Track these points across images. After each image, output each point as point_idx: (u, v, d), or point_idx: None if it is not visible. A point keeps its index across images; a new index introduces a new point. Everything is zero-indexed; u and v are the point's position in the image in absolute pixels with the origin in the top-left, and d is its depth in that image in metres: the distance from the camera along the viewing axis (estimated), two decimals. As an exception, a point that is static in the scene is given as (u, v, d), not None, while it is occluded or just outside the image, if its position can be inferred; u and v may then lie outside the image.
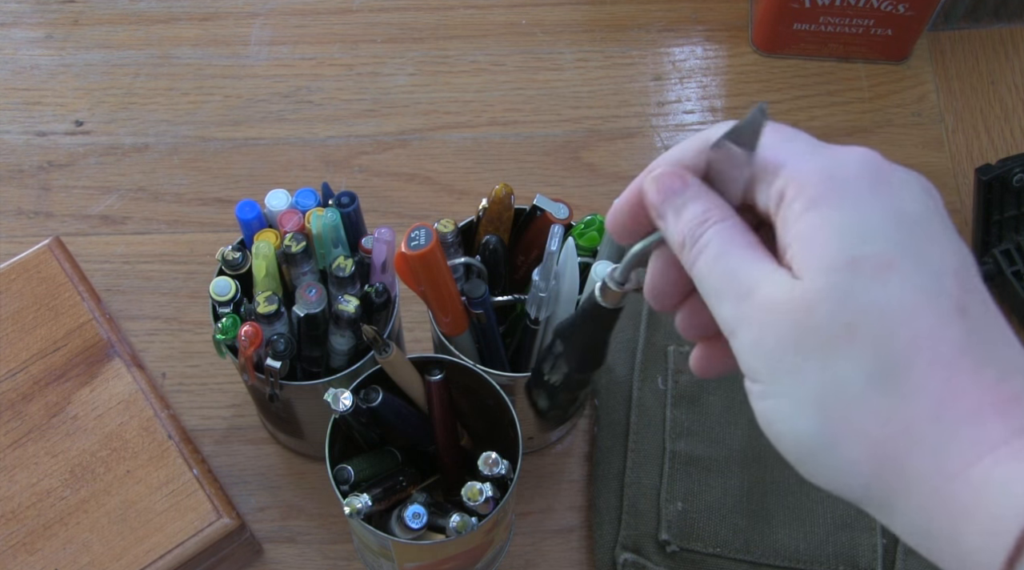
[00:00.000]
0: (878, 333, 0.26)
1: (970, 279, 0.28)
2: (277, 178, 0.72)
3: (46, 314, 0.60)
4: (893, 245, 0.27)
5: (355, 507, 0.47)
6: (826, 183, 0.28)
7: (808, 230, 0.28)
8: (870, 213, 0.27)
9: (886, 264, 0.27)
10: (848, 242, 0.27)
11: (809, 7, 0.74)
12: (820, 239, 0.27)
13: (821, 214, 0.28)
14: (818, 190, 0.28)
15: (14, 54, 0.78)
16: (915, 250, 0.27)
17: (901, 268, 0.27)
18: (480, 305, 0.52)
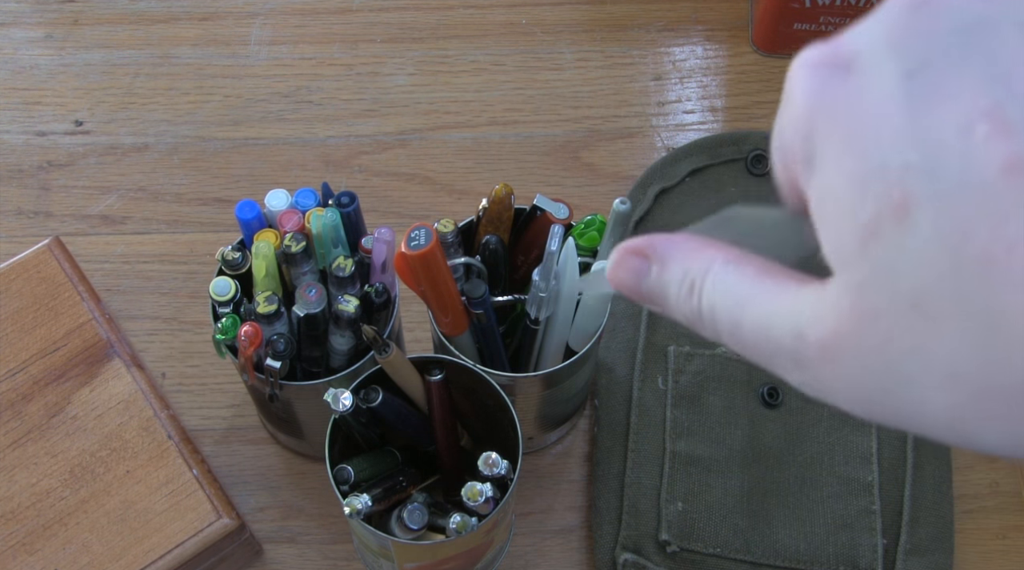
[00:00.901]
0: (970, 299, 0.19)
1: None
2: (277, 178, 0.72)
3: (46, 314, 0.60)
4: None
5: (355, 507, 0.47)
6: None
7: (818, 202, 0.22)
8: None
9: (905, 172, 0.20)
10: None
11: (809, 7, 0.74)
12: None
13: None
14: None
15: (14, 54, 0.78)
16: (916, 128, 0.21)
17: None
18: (480, 305, 0.52)
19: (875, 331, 0.20)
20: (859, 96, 0.21)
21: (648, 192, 0.70)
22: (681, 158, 0.71)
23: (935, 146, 0.19)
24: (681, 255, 0.26)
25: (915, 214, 0.19)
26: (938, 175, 0.19)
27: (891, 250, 0.20)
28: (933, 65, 0.20)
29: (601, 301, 0.52)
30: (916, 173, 0.19)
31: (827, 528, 0.59)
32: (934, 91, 0.20)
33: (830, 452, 0.61)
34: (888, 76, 0.20)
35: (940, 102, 0.19)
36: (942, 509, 0.61)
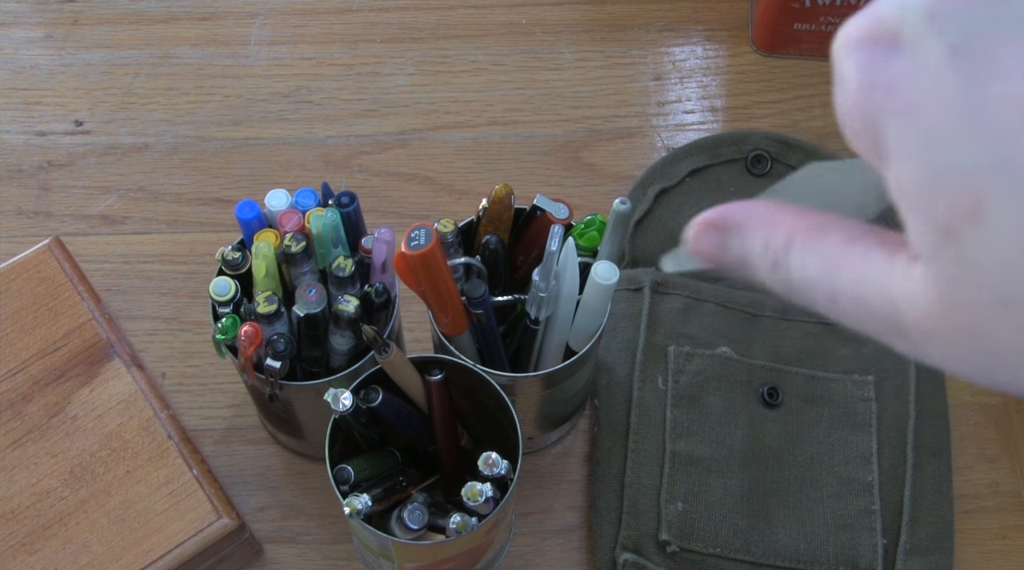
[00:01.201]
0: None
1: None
2: (277, 178, 0.72)
3: (46, 314, 0.60)
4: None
5: (355, 507, 0.47)
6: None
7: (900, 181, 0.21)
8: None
9: (966, 174, 0.19)
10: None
11: (809, 7, 0.74)
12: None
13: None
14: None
15: (14, 54, 0.78)
16: (972, 113, 0.20)
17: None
18: (480, 305, 0.52)
19: (969, 322, 0.20)
20: (911, 78, 0.20)
21: (648, 192, 0.70)
22: (681, 158, 0.71)
23: (1002, 138, 0.18)
24: (758, 226, 0.25)
25: (991, 215, 0.18)
26: (1010, 173, 0.18)
27: (971, 250, 0.19)
28: (980, 35, 0.19)
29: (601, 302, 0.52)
30: (986, 172, 0.18)
31: (827, 528, 0.59)
32: (985, 68, 0.18)
33: (830, 452, 0.61)
34: (935, 53, 0.19)
35: (994, 82, 0.18)
36: (942, 509, 0.61)
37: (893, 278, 0.22)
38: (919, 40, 0.19)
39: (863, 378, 0.64)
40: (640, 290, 0.65)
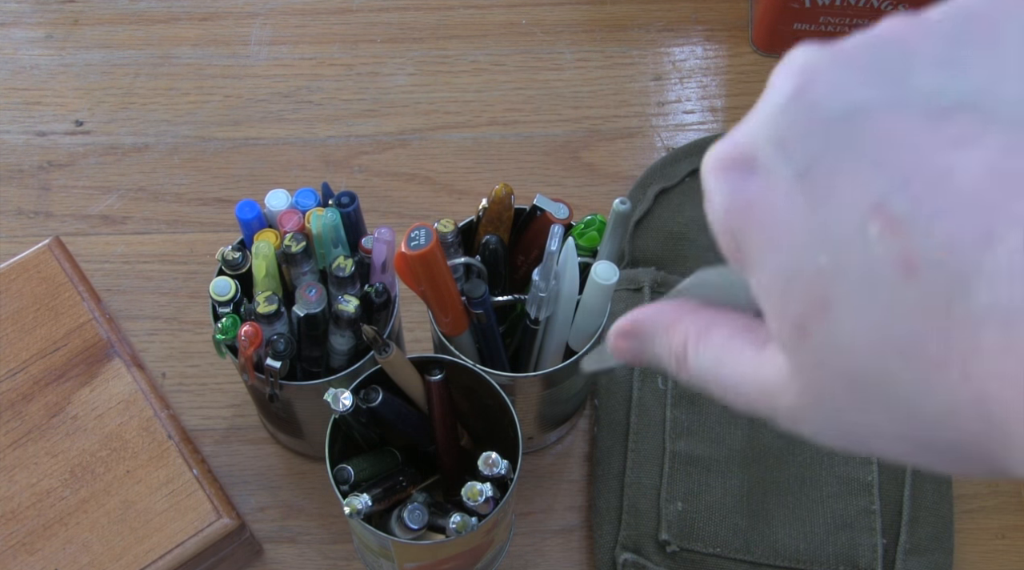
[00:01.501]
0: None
1: (923, 202, 0.21)
2: (277, 178, 0.72)
3: (46, 314, 0.60)
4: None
5: (355, 507, 0.47)
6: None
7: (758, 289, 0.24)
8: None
9: (819, 276, 0.22)
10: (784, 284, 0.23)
11: (809, 7, 0.74)
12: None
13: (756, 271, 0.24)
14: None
15: (14, 54, 0.78)
16: (822, 228, 0.22)
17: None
18: (480, 305, 0.52)
19: (826, 405, 0.23)
20: (765, 199, 0.22)
21: (648, 192, 0.70)
22: (681, 158, 0.71)
23: (840, 247, 0.21)
24: (662, 331, 0.28)
25: (835, 311, 0.21)
26: (848, 275, 0.20)
27: (822, 342, 0.21)
28: (820, 161, 0.21)
29: (601, 302, 0.52)
30: (829, 275, 0.21)
31: (827, 528, 0.59)
32: (825, 187, 0.21)
33: (830, 452, 0.61)
34: (784, 178, 0.22)
35: (834, 199, 0.21)
36: (942, 509, 0.61)
37: (764, 369, 0.24)
38: (771, 165, 0.22)
39: (863, 378, 0.64)
40: (640, 290, 0.65)
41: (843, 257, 0.21)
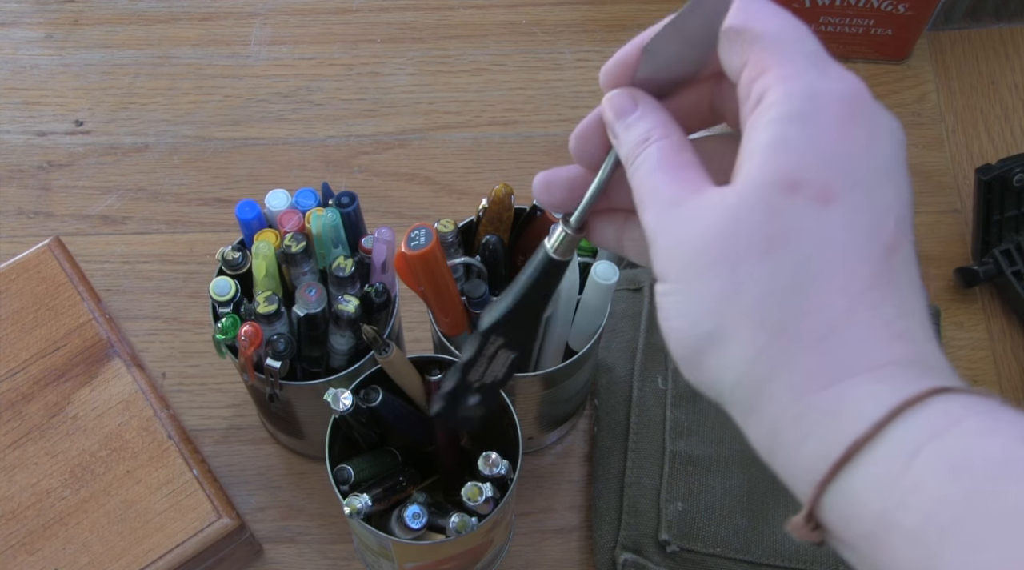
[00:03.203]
0: (796, 253, 0.27)
1: (907, 223, 0.29)
2: (277, 178, 0.72)
3: (46, 314, 0.60)
4: (842, 179, 0.28)
5: (355, 507, 0.47)
6: (806, 101, 0.28)
7: (765, 142, 0.28)
8: (833, 143, 0.28)
9: (826, 195, 0.27)
10: (798, 164, 0.28)
11: (809, 7, 0.74)
12: (772, 154, 0.28)
13: (786, 130, 0.28)
14: (795, 105, 0.28)
15: (14, 54, 0.78)
16: (867, 188, 0.28)
17: (843, 202, 0.27)
18: (480, 305, 0.52)
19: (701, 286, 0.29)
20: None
21: (648, 192, 0.70)
22: (681, 158, 0.71)
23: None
24: (653, 114, 0.32)
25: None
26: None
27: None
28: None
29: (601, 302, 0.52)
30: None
31: (827, 528, 0.59)
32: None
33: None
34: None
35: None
36: (942, 509, 0.61)
37: (699, 186, 0.29)
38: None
39: (863, 378, 0.64)
40: (640, 290, 0.65)
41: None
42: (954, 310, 0.69)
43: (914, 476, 0.24)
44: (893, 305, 0.27)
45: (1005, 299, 0.69)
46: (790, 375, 0.27)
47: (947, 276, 0.70)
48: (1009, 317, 0.69)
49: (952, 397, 0.26)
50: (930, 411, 0.25)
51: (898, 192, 0.29)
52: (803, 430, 0.27)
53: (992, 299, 0.70)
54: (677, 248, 0.29)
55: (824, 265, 0.27)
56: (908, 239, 0.28)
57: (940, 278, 0.70)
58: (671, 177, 0.30)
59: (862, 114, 0.29)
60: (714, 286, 0.28)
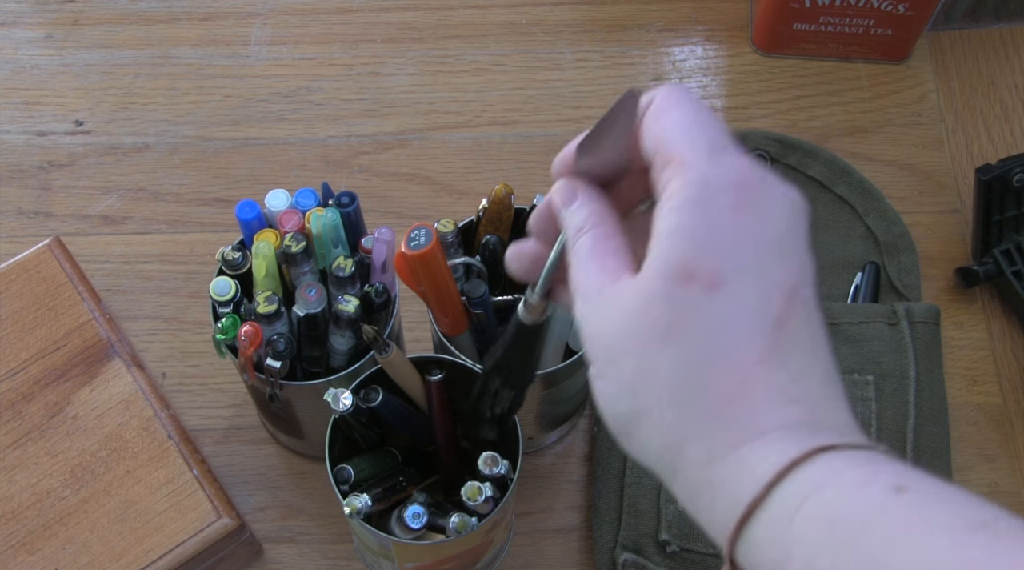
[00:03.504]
0: (694, 338, 0.31)
1: (802, 293, 0.31)
2: (277, 178, 0.72)
3: (46, 314, 0.60)
4: (730, 264, 0.31)
5: (355, 507, 0.47)
6: (699, 190, 0.31)
7: (666, 231, 0.31)
8: (723, 230, 0.31)
9: (715, 281, 0.31)
10: (691, 253, 0.31)
11: (809, 7, 0.74)
12: (669, 245, 0.31)
13: (682, 220, 0.31)
14: (690, 194, 0.31)
15: (14, 54, 0.78)
16: (755, 270, 0.31)
17: (731, 286, 0.31)
18: (480, 305, 0.52)
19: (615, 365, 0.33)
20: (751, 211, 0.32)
21: (648, 192, 0.70)
22: (681, 158, 0.71)
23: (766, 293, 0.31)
24: (590, 204, 0.35)
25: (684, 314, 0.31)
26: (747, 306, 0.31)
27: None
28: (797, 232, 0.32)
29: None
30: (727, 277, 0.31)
31: (827, 528, 0.59)
32: (794, 245, 0.32)
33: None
34: (783, 210, 0.32)
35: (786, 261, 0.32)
36: (942, 509, 0.61)
37: (618, 275, 0.33)
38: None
39: (863, 378, 0.64)
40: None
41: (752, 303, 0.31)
42: (954, 310, 0.69)
43: (797, 529, 0.28)
44: (787, 372, 0.30)
45: (1005, 299, 0.69)
46: (698, 446, 0.31)
47: (947, 276, 0.70)
48: (1009, 317, 0.69)
49: (836, 454, 0.29)
50: (814, 468, 0.28)
51: (787, 267, 0.31)
52: (713, 493, 0.30)
53: (992, 299, 0.70)
54: (597, 336, 0.33)
55: (718, 346, 0.30)
56: (805, 304, 0.31)
57: (940, 278, 0.70)
58: (597, 266, 0.33)
59: (751, 198, 0.31)
60: (627, 371, 0.31)
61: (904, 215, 0.70)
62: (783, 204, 0.32)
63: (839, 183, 0.71)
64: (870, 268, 0.68)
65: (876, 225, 0.70)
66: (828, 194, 0.71)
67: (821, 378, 0.31)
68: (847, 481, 0.28)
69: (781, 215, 0.32)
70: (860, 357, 0.64)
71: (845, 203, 0.71)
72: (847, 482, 0.28)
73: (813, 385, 0.31)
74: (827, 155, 0.72)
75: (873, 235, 0.70)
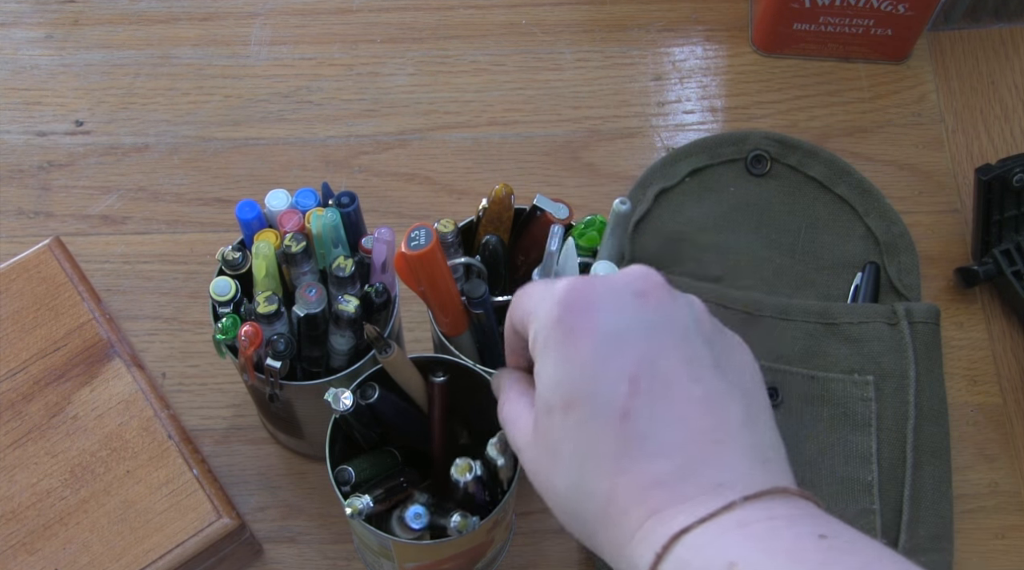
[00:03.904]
0: (565, 456, 0.37)
1: (647, 374, 0.35)
2: (277, 178, 0.73)
3: (46, 314, 0.60)
4: (573, 389, 0.36)
5: (356, 508, 0.47)
6: (536, 345, 0.38)
7: (536, 380, 0.39)
8: (560, 365, 0.37)
9: (567, 404, 0.36)
10: (546, 391, 0.37)
11: (809, 7, 0.74)
12: (537, 389, 0.38)
13: (537, 368, 0.38)
14: (535, 349, 0.38)
15: (14, 54, 0.78)
16: (589, 391, 0.36)
17: (579, 405, 0.36)
18: (480, 305, 0.52)
19: (538, 468, 0.40)
20: (574, 331, 0.38)
21: (648, 192, 0.70)
22: (681, 158, 0.71)
23: (604, 384, 0.36)
24: (512, 385, 0.44)
25: (563, 411, 0.37)
26: (595, 400, 0.36)
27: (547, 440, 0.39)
28: (627, 333, 0.37)
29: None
30: (582, 397, 0.37)
31: (827, 528, 0.59)
32: (619, 348, 0.37)
33: (830, 452, 0.61)
34: (601, 326, 0.37)
35: (619, 356, 0.37)
36: (942, 509, 0.61)
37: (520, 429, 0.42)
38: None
39: (863, 378, 0.64)
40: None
41: (598, 390, 0.36)
42: (954, 310, 0.69)
43: None
44: (643, 460, 0.35)
45: (1005, 299, 0.69)
46: (601, 546, 0.36)
47: (947, 276, 0.70)
48: (1009, 317, 0.69)
49: (690, 534, 0.33)
50: (681, 546, 0.33)
51: (624, 359, 0.36)
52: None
53: (992, 299, 0.70)
54: (524, 466, 0.41)
55: (586, 458, 0.36)
56: (654, 379, 0.35)
57: (940, 278, 0.70)
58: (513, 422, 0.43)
59: (568, 326, 0.37)
60: (542, 487, 0.39)
61: (904, 215, 0.70)
62: (608, 311, 0.36)
63: (839, 183, 0.71)
64: (870, 268, 0.68)
65: (876, 225, 0.70)
66: (828, 194, 0.71)
67: (679, 447, 0.35)
68: (708, 556, 0.32)
69: (609, 319, 0.36)
70: (860, 357, 0.64)
71: (845, 203, 0.71)
72: (708, 557, 0.32)
73: (677, 457, 0.35)
74: (827, 155, 0.72)
75: (873, 235, 0.70)
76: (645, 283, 0.37)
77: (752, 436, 0.36)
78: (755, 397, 0.38)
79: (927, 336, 0.65)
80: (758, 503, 0.33)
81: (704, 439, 0.35)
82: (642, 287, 0.37)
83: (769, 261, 0.69)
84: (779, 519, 0.33)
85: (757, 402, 0.38)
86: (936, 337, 0.65)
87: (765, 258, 0.69)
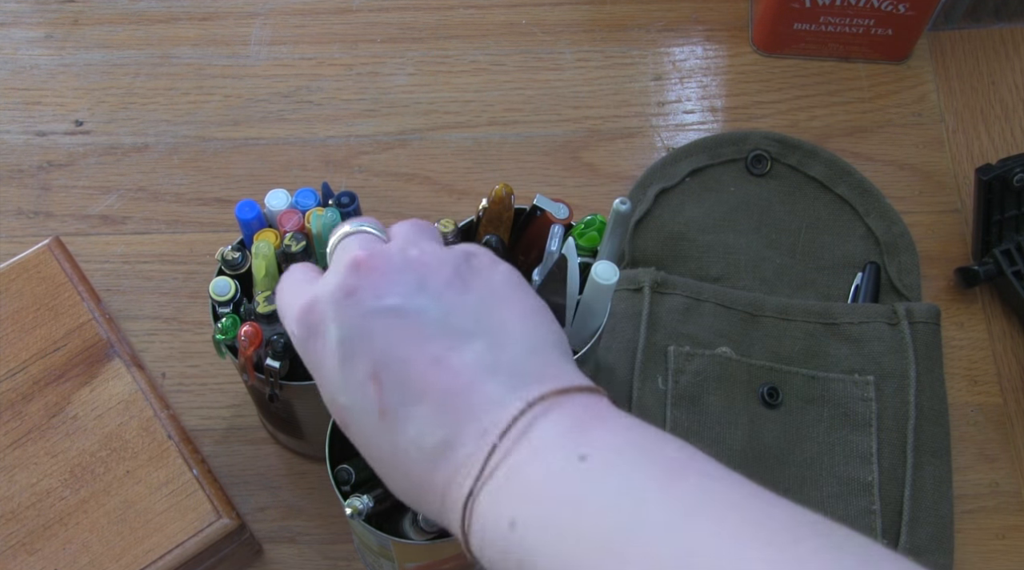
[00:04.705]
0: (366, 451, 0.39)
1: (383, 370, 0.36)
2: (277, 178, 0.72)
3: (46, 314, 0.60)
4: (337, 405, 0.38)
5: (356, 508, 0.47)
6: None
7: None
8: (320, 383, 0.39)
9: (340, 418, 0.39)
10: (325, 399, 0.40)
11: (809, 7, 0.74)
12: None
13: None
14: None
15: (14, 54, 0.78)
16: (346, 398, 0.38)
17: (347, 415, 0.38)
18: (480, 305, 0.52)
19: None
20: (319, 351, 0.38)
21: (648, 192, 0.70)
22: (681, 158, 0.71)
23: (355, 392, 0.37)
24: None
25: (351, 430, 0.39)
26: (353, 410, 0.37)
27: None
28: (353, 336, 0.37)
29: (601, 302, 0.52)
30: (344, 408, 0.38)
31: (827, 528, 0.59)
32: (352, 353, 0.37)
33: (830, 452, 0.61)
34: (331, 339, 0.37)
35: (356, 362, 0.37)
36: (942, 509, 0.61)
37: None
38: (326, 330, 0.38)
39: (863, 378, 0.64)
40: (640, 290, 0.65)
41: (356, 397, 0.37)
42: (954, 310, 0.69)
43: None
44: (412, 447, 0.36)
45: (1005, 299, 0.69)
46: (427, 510, 0.37)
47: (947, 276, 0.70)
48: (1009, 317, 0.69)
49: (475, 500, 0.34)
50: (473, 516, 0.34)
51: (362, 359, 0.37)
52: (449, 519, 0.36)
53: (992, 299, 0.70)
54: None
55: (379, 461, 0.38)
56: (383, 383, 0.36)
57: (940, 278, 0.70)
58: None
59: (313, 327, 0.38)
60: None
61: (904, 215, 0.70)
62: (333, 321, 0.37)
63: (839, 183, 0.71)
64: (870, 268, 0.68)
65: (876, 225, 0.70)
66: (828, 194, 0.71)
67: (440, 399, 0.35)
68: (492, 519, 0.34)
69: (334, 330, 0.37)
70: (860, 357, 0.64)
71: (845, 203, 0.71)
72: (492, 520, 0.34)
73: (437, 428, 0.35)
74: (827, 155, 0.72)
75: (873, 235, 0.70)
76: (355, 279, 0.37)
77: (499, 355, 0.36)
78: (504, 311, 0.38)
79: (927, 336, 0.65)
80: (517, 434, 0.34)
81: (450, 395, 0.35)
82: (351, 284, 0.37)
83: (769, 261, 0.69)
84: (541, 451, 0.33)
85: (507, 316, 0.38)
86: (936, 337, 0.65)
87: (765, 258, 0.69)
